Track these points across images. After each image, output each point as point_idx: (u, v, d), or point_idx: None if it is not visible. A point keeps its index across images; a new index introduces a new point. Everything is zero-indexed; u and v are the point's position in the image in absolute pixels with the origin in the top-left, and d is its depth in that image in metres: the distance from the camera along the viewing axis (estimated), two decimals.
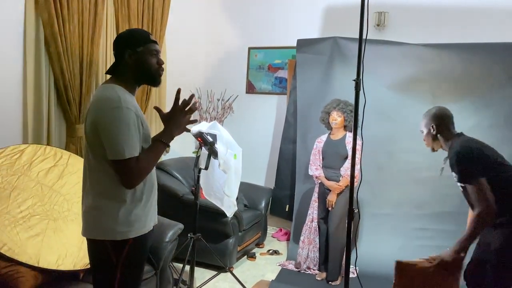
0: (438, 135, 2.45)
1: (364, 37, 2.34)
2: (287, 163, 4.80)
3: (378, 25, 4.65)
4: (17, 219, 2.36)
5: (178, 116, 1.75)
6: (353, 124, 2.48)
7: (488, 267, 2.23)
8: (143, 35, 1.77)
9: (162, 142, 1.73)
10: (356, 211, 2.55)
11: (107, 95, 1.66)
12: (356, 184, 3.64)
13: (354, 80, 2.38)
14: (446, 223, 3.82)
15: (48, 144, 3.16)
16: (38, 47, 3.15)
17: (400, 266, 2.37)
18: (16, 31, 3.03)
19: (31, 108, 3.15)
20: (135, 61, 1.74)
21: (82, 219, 1.77)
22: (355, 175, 3.50)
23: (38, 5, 3.06)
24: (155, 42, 1.80)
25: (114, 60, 1.80)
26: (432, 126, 2.46)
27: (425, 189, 3.97)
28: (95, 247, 1.75)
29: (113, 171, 1.65)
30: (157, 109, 1.84)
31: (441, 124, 2.44)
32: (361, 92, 2.41)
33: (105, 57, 3.77)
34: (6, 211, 2.35)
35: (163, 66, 1.81)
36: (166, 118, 1.78)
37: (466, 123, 3.93)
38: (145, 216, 1.78)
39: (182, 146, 4.85)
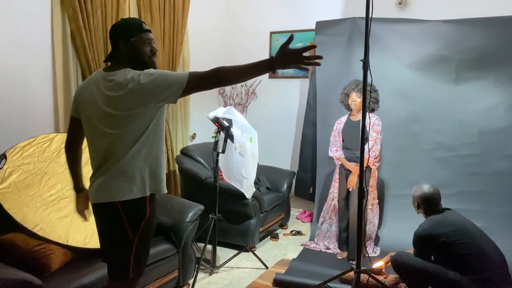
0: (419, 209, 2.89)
1: (370, 16, 2.34)
2: (309, 146, 4.84)
3: (400, 3, 4.56)
4: (48, 202, 2.57)
5: (296, 58, 1.63)
6: (362, 104, 2.50)
7: None
8: (136, 25, 1.85)
9: (270, 60, 1.64)
10: (366, 190, 2.58)
11: None
12: (377, 165, 3.67)
13: (361, 60, 2.40)
14: (471, 202, 3.77)
15: None
16: (65, 41, 3.32)
17: None
18: (44, 26, 3.22)
19: (61, 99, 3.34)
20: (129, 51, 1.82)
21: None
22: (376, 155, 3.54)
23: (63, 1, 3.24)
24: (149, 31, 1.87)
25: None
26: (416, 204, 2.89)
27: (448, 168, 3.91)
28: None
29: None
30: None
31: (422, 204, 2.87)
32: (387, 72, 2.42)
33: None
34: (38, 195, 2.57)
35: (156, 54, 1.89)
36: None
37: (487, 102, 3.83)
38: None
39: (204, 133, 4.97)
